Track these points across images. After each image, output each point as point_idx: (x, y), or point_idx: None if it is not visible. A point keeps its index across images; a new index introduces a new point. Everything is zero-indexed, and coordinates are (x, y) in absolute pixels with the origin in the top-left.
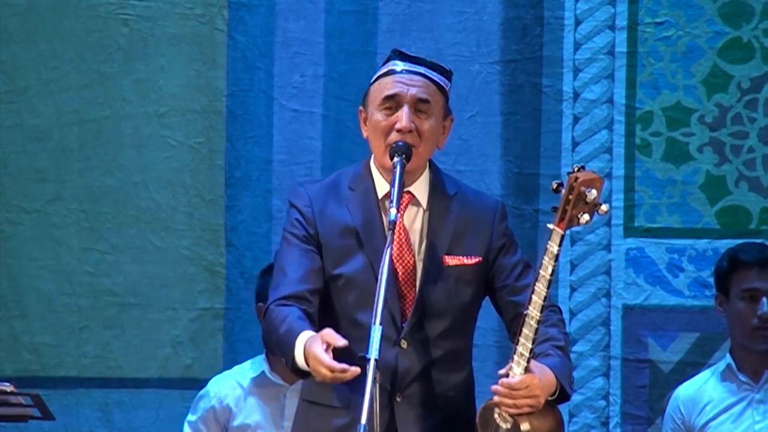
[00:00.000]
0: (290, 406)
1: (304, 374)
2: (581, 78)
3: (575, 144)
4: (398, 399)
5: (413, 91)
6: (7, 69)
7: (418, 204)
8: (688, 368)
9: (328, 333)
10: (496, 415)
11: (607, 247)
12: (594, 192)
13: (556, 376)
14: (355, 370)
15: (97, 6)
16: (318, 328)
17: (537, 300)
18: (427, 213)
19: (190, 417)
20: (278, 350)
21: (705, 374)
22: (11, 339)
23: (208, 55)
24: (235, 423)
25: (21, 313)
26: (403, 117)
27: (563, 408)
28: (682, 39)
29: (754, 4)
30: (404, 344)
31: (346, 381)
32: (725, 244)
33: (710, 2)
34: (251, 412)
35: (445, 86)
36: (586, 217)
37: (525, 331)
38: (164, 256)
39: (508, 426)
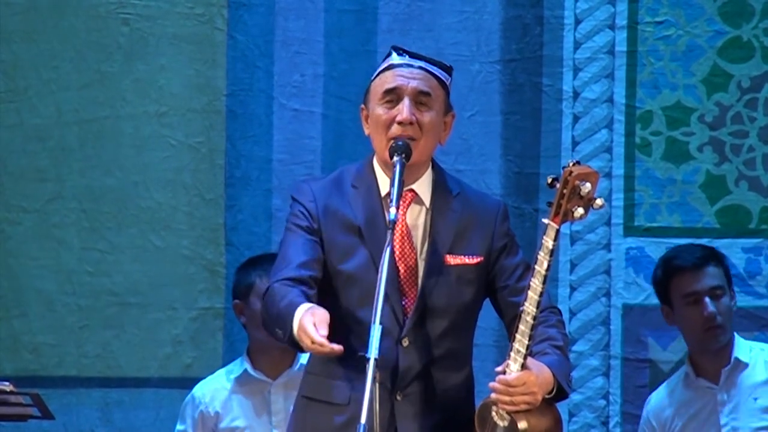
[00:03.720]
0: (275, 401)
1: (300, 347)
2: (581, 77)
3: (575, 143)
4: (398, 397)
5: (414, 83)
6: (7, 68)
7: (421, 202)
8: None
9: (322, 315)
10: (493, 413)
11: (607, 247)
12: (588, 185)
13: (553, 374)
14: (338, 348)
15: (97, 5)
16: None
17: (533, 296)
18: (430, 211)
19: (179, 426)
20: (277, 323)
21: (671, 381)
22: (11, 338)
23: (208, 55)
24: (222, 425)
25: (21, 312)
26: (404, 109)
27: (563, 407)
28: (682, 38)
29: (754, 3)
30: (405, 342)
31: (342, 375)
32: (725, 244)
33: (710, 1)
34: (238, 413)
35: (445, 81)
36: (580, 210)
37: (521, 327)
38: (164, 255)
39: (506, 424)
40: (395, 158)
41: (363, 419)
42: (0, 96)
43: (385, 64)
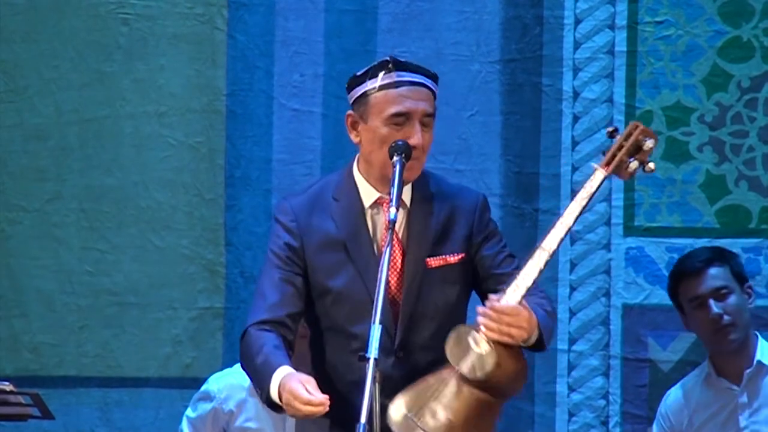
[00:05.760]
0: None
1: (276, 408)
2: (581, 77)
3: (575, 143)
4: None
5: (422, 105)
6: (8, 68)
7: (403, 206)
8: (687, 367)
9: (310, 381)
10: (470, 338)
11: (607, 247)
12: (651, 142)
13: (538, 324)
14: (325, 403)
15: (97, 5)
16: (310, 342)
17: (557, 233)
18: (410, 214)
19: (190, 413)
20: (254, 379)
21: (692, 377)
22: (11, 338)
23: (207, 55)
24: (237, 424)
25: (21, 312)
26: (417, 135)
27: (562, 407)
28: (682, 38)
29: (754, 3)
30: (399, 353)
31: (337, 389)
32: (725, 244)
33: (710, 1)
34: (252, 414)
35: (436, 91)
36: (635, 164)
37: (531, 262)
38: (164, 255)
39: (480, 351)
40: (395, 158)
41: (363, 419)
42: (0, 96)
43: (388, 80)
